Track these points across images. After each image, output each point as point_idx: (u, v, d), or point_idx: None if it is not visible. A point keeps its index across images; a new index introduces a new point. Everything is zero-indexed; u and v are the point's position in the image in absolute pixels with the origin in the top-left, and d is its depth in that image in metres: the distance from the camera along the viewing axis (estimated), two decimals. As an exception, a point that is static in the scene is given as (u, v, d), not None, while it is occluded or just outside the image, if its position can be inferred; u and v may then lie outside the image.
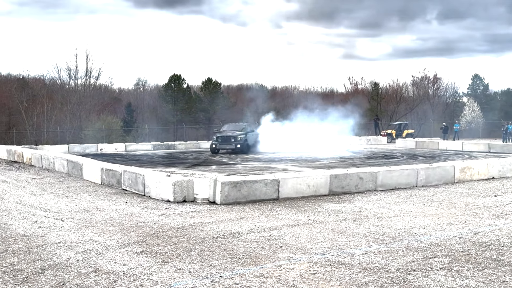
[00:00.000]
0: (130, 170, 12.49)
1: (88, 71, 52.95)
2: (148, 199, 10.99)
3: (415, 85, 63.81)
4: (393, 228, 7.96)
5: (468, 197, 11.19)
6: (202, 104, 57.79)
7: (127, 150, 31.84)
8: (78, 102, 49.48)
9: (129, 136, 45.35)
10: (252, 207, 9.89)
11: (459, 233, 7.61)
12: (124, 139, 41.06)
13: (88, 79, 53.72)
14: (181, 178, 10.80)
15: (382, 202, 10.56)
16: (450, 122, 46.78)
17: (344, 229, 7.92)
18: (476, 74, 66.88)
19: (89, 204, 10.40)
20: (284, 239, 7.22)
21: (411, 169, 13.20)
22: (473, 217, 8.90)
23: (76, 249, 6.73)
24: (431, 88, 63.10)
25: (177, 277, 5.53)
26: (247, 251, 6.60)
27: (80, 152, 29.16)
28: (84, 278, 5.50)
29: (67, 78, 53.40)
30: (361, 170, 12.71)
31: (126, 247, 6.80)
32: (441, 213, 9.33)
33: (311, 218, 8.77)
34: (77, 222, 8.53)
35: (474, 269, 5.79)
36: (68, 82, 53.54)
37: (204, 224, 8.26)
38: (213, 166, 19.57)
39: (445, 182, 13.52)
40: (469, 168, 14.36)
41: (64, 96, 49.88)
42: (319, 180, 11.43)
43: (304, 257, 6.29)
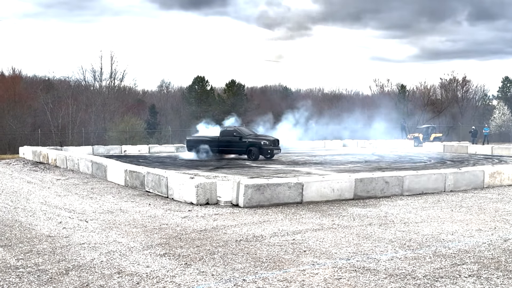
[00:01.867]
0: (153, 172, 12.61)
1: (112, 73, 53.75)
2: (171, 201, 11.07)
3: (444, 88, 63.04)
4: (420, 234, 7.86)
5: (498, 203, 10.99)
6: (226, 106, 58.04)
7: (150, 152, 32.14)
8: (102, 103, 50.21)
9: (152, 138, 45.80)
10: (276, 210, 9.88)
11: (488, 240, 7.48)
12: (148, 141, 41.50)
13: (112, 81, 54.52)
14: (204, 180, 10.86)
15: (408, 207, 10.44)
16: (479, 125, 46.03)
17: (369, 234, 7.85)
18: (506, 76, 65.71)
19: (113, 206, 10.53)
20: (308, 243, 7.20)
21: (438, 174, 13.02)
22: (503, 224, 8.73)
23: (100, 250, 6.82)
24: (460, 90, 62.24)
25: (200, 280, 5.56)
26: (271, 255, 6.59)
27: (104, 153, 29.54)
28: (108, 279, 5.57)
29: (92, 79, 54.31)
30: (387, 174, 12.59)
31: (149, 249, 6.86)
32: (470, 219, 9.17)
33: (335, 223, 8.72)
34: (101, 223, 8.65)
35: (504, 277, 5.68)
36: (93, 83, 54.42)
37: (227, 227, 8.28)
38: (236, 168, 19.62)
39: (474, 187, 13.30)
40: (499, 173, 14.09)
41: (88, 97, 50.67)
42: (343, 184, 11.35)
43: (329, 262, 6.25)
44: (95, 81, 54.27)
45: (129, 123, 46.31)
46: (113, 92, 54.25)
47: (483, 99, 63.74)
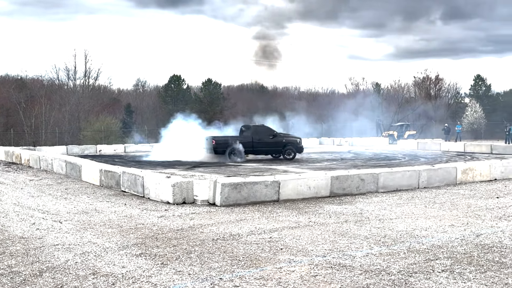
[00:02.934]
0: (129, 172, 12.50)
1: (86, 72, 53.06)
2: (147, 200, 10.99)
3: (417, 86, 63.91)
4: (395, 230, 7.96)
5: (470, 199, 11.19)
6: (202, 105, 57.82)
7: (126, 152, 31.86)
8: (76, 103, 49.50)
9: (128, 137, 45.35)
10: (253, 208, 9.89)
11: (461, 235, 7.61)
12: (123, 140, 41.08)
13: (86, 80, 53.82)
14: (180, 179, 10.80)
15: (383, 203, 10.56)
16: (452, 123, 46.80)
17: (345, 231, 7.92)
18: (478, 75, 66.96)
19: (88, 206, 10.40)
20: (284, 241, 7.22)
21: (412, 171, 13.20)
22: (475, 219, 8.90)
23: (74, 251, 6.73)
24: (433, 89, 63.17)
25: (176, 279, 5.53)
26: (247, 253, 6.60)
27: (79, 153, 29.17)
28: (83, 280, 5.50)
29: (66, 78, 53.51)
30: (362, 172, 12.71)
31: (125, 249, 6.80)
32: (443, 215, 9.33)
33: (312, 220, 8.77)
34: (76, 224, 8.53)
35: (476, 272, 5.79)
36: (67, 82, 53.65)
37: (204, 226, 8.26)
38: (213, 167, 19.58)
39: (447, 184, 13.53)
40: (471, 170, 14.36)
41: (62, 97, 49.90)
42: (320, 181, 11.43)
43: (305, 259, 6.29)
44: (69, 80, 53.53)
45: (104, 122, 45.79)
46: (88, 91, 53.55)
47: (456, 97, 64.78)
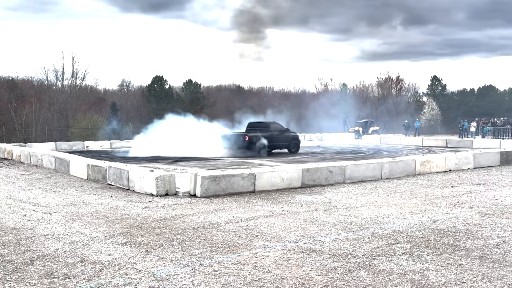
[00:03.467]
0: (115, 166, 12.35)
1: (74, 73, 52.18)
2: (132, 193, 10.88)
3: (380, 86, 64.64)
4: (360, 217, 8.05)
5: (427, 188, 11.38)
6: (184, 104, 57.43)
7: (112, 148, 31.45)
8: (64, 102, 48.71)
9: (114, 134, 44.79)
10: (230, 199, 9.88)
11: (419, 221, 7.74)
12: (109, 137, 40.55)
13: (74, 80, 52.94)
14: (163, 173, 10.72)
15: (350, 193, 10.66)
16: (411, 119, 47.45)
17: (315, 218, 7.97)
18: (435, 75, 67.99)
19: (76, 198, 10.25)
20: (260, 229, 7.24)
21: (376, 163, 13.36)
22: (432, 206, 9.05)
23: (63, 240, 6.63)
24: (394, 88, 63.98)
25: (159, 265, 5.50)
26: (226, 240, 6.59)
27: (67, 149, 28.68)
28: (71, 267, 5.42)
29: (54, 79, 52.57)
30: (330, 164, 12.81)
31: (111, 238, 6.72)
32: (403, 203, 9.46)
33: (285, 209, 8.80)
34: (64, 216, 8.40)
35: (433, 254, 5.89)
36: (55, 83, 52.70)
37: (185, 216, 8.22)
38: (194, 161, 19.48)
39: (407, 175, 13.72)
40: (429, 162, 14.60)
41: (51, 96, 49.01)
42: (292, 174, 11.47)
43: (279, 245, 6.31)
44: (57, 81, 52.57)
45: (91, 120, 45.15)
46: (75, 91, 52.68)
47: (415, 96, 65.71)
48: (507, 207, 8.95)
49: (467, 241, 6.49)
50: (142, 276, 5.14)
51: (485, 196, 10.16)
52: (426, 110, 56.95)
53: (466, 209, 8.79)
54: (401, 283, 4.88)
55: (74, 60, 52.00)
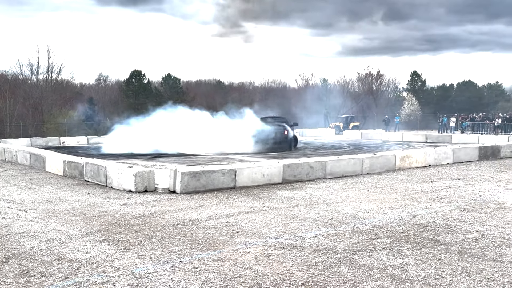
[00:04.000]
0: (92, 162, 12.20)
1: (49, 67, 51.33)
2: (110, 189, 10.77)
3: (360, 81, 65.16)
4: (341, 213, 8.11)
5: (407, 183, 11.53)
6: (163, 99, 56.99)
7: (89, 143, 31.07)
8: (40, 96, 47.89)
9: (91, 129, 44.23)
10: (211, 195, 9.86)
11: (399, 216, 7.84)
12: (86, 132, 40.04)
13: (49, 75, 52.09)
14: (142, 169, 10.63)
15: (330, 189, 10.74)
16: (391, 115, 47.99)
17: (296, 214, 8.01)
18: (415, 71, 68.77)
19: (52, 195, 10.10)
20: (240, 225, 7.24)
21: (356, 158, 13.47)
22: (412, 201, 9.18)
23: (39, 238, 6.53)
24: (375, 83, 64.56)
25: (138, 263, 5.46)
26: (206, 237, 6.58)
27: (43, 145, 28.24)
28: (48, 266, 5.35)
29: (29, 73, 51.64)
30: (311, 160, 12.87)
31: (88, 236, 6.65)
32: (383, 198, 9.57)
33: (265, 205, 8.82)
34: (40, 213, 8.28)
35: (413, 249, 5.98)
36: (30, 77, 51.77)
37: (165, 213, 8.17)
38: (173, 157, 19.38)
39: (387, 170, 13.88)
40: (408, 157, 14.78)
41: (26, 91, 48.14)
42: (273, 169, 11.50)
43: (259, 241, 6.32)
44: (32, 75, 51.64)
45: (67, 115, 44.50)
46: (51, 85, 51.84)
47: (395, 91, 66.43)
48: (486, 201, 9.13)
49: (447, 235, 6.60)
50: (120, 274, 5.10)
51: (464, 191, 10.34)
52: (406, 105, 57.62)
53: (445, 204, 8.93)
54: (381, 278, 4.94)
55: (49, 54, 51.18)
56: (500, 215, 7.87)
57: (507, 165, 15.58)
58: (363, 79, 64.66)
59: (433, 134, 32.50)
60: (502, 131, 35.96)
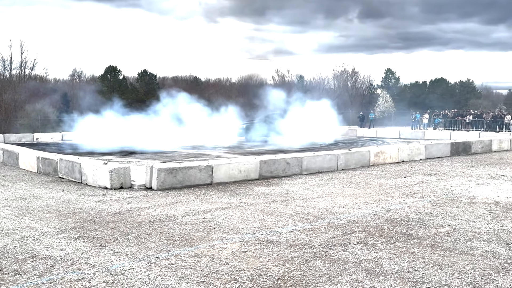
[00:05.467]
0: (66, 159, 12.00)
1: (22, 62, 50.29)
2: (85, 186, 10.62)
3: (336, 78, 65.67)
4: (316, 208, 8.17)
5: (381, 179, 11.68)
6: (139, 95, 56.41)
7: (63, 139, 30.56)
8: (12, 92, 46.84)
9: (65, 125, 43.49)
10: (187, 192, 9.81)
11: (373, 211, 7.94)
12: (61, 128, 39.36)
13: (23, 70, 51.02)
14: (118, 165, 10.51)
15: (306, 184, 10.81)
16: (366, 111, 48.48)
17: (272, 210, 8.04)
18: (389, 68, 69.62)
19: (26, 192, 9.91)
20: (217, 221, 7.23)
21: (332, 154, 13.58)
22: (386, 196, 9.31)
23: (13, 236, 6.40)
24: (350, 80, 65.15)
25: (114, 260, 5.40)
26: (183, 233, 6.55)
27: (16, 141, 27.65)
28: (22, 263, 5.25)
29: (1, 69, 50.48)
30: (288, 156, 12.92)
31: (63, 233, 6.55)
32: (358, 193, 9.67)
33: (242, 201, 8.83)
34: (14, 210, 8.11)
35: (387, 243, 6.07)
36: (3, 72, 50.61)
37: (141, 209, 8.10)
38: (150, 153, 19.20)
39: (362, 166, 14.03)
40: (383, 153, 14.97)
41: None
42: (250, 165, 11.50)
43: (236, 237, 6.33)
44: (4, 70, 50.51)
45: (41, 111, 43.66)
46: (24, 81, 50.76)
47: (369, 88, 67.15)
48: (457, 196, 9.32)
49: (419, 229, 6.71)
50: (96, 271, 5.04)
51: (436, 186, 10.53)
52: (380, 102, 58.31)
53: (418, 198, 9.09)
54: (356, 272, 5.00)
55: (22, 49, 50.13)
56: (471, 210, 8.05)
57: (478, 160, 15.93)
58: (339, 76, 65.18)
59: (407, 131, 33.00)
60: (473, 128, 36.75)
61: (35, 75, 54.00)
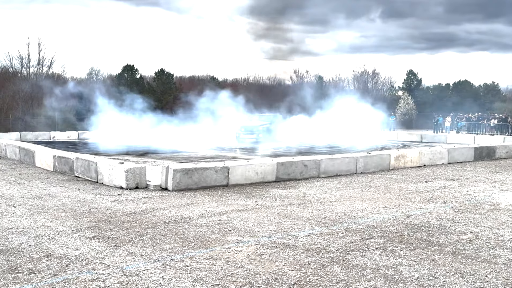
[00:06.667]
0: (82, 158, 12.15)
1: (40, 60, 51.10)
2: (100, 186, 10.73)
3: (356, 79, 65.33)
4: (334, 212, 8.13)
5: (402, 183, 11.57)
6: (155, 95, 56.82)
7: (80, 138, 30.96)
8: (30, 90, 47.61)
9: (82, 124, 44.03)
10: (203, 193, 9.85)
11: (393, 216, 7.87)
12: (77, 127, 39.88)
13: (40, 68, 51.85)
14: (133, 165, 10.61)
15: (324, 187, 10.76)
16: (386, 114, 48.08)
17: (289, 213, 8.02)
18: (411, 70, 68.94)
19: (41, 191, 10.05)
20: (233, 223, 7.24)
21: (351, 157, 13.50)
22: (406, 201, 9.22)
23: (28, 234, 6.50)
24: (370, 82, 64.75)
25: (129, 260, 5.45)
26: (198, 235, 6.58)
27: (32, 139, 28.11)
28: (36, 262, 5.33)
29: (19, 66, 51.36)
30: (305, 158, 12.89)
31: (78, 233, 6.63)
32: (377, 197, 9.60)
33: (258, 203, 8.83)
34: (29, 208, 8.23)
35: (407, 249, 6.01)
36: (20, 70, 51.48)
37: (156, 210, 8.16)
38: (165, 154, 19.33)
39: (382, 169, 13.92)
40: (403, 156, 14.84)
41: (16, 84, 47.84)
42: (266, 167, 11.50)
43: (252, 240, 6.33)
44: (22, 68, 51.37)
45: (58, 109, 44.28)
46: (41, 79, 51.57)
47: (390, 90, 66.63)
48: (480, 202, 9.18)
49: (441, 236, 6.63)
50: (110, 271, 5.09)
51: (458, 192, 10.40)
52: (401, 104, 57.80)
53: (440, 204, 8.98)
54: (374, 278, 4.96)
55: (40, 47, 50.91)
56: (495, 216, 7.93)
57: (502, 166, 15.68)
58: (359, 77, 64.82)
59: (428, 134, 32.63)
60: (498, 132, 36.17)
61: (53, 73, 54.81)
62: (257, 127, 26.70)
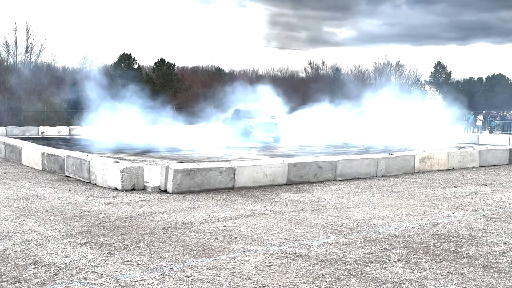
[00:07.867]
0: (74, 156, 12.23)
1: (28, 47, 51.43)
2: (93, 186, 10.80)
3: (377, 72, 65.14)
4: (352, 219, 8.12)
5: (427, 188, 11.53)
6: (155, 86, 57.03)
7: (71, 134, 31.18)
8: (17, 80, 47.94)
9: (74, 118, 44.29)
10: (206, 196, 9.88)
11: (417, 224, 7.85)
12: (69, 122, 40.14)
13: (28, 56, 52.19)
14: (130, 164, 10.66)
15: (341, 192, 10.75)
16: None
17: (301, 219, 8.02)
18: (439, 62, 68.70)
19: (29, 192, 10.14)
20: (239, 230, 7.26)
21: (371, 158, 13.47)
22: (432, 208, 9.19)
23: (13, 239, 6.56)
24: (394, 75, 64.53)
25: (124, 269, 5.48)
26: (200, 242, 6.60)
27: (19, 135, 28.35)
28: (22, 270, 5.37)
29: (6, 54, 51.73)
30: (320, 159, 12.87)
31: (68, 238, 6.67)
32: (400, 204, 9.58)
33: (267, 208, 8.84)
34: (15, 211, 8.30)
35: (432, 261, 5.99)
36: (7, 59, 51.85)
37: (154, 214, 8.20)
38: (165, 152, 19.41)
39: (405, 172, 13.88)
40: (429, 158, 14.77)
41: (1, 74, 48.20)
42: (277, 168, 11.50)
43: (260, 249, 6.34)
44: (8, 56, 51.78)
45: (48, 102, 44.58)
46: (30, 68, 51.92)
47: (416, 84, 66.39)
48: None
49: (470, 247, 6.61)
50: (103, 281, 5.12)
51: (491, 198, 10.35)
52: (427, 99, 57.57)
53: (470, 212, 8.94)
54: (396, 293, 4.95)
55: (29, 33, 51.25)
56: (531, 226, 7.88)
57: (541, 170, 15.57)
58: (381, 69, 64.61)
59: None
60: (536, 132, 35.92)
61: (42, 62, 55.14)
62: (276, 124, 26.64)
